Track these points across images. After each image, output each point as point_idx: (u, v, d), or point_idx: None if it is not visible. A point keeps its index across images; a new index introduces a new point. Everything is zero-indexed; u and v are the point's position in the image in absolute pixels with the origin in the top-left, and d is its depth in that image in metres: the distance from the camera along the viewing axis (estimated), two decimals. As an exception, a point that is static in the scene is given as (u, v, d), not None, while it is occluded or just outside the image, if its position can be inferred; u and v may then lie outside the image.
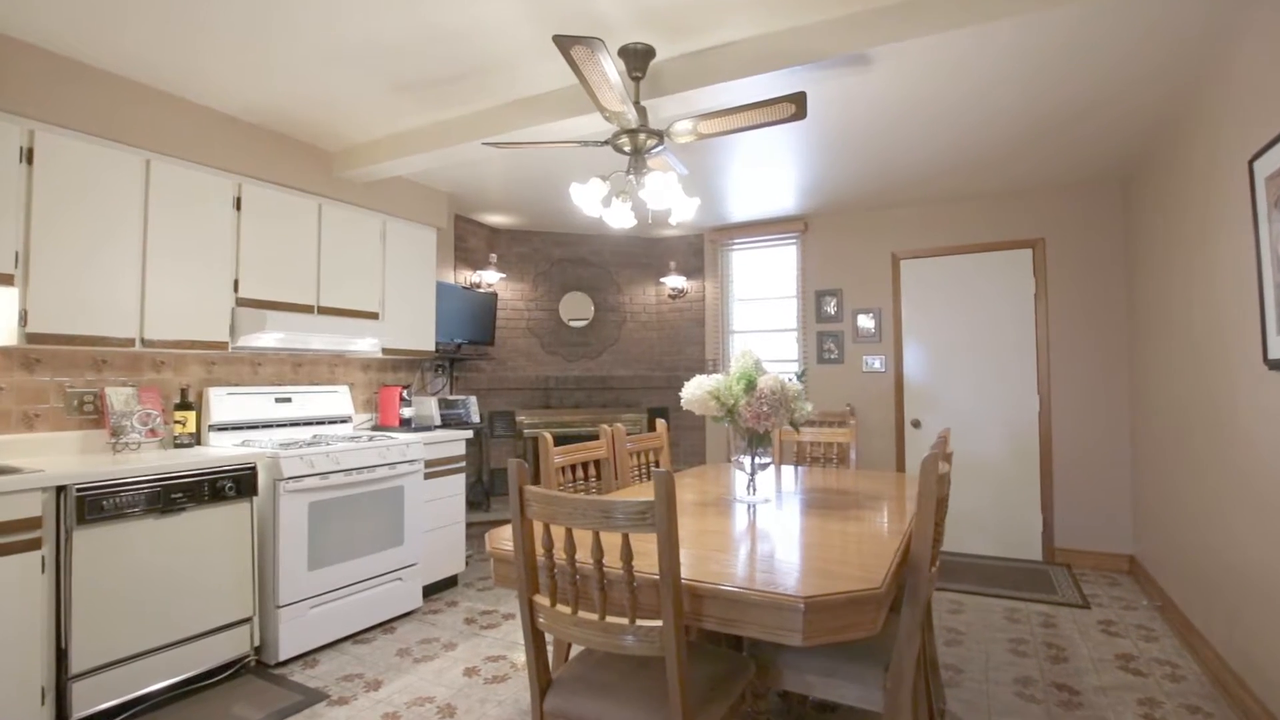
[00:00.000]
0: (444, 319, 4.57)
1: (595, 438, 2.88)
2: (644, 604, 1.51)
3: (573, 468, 2.61)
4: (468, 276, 5.22)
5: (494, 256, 5.28)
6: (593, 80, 2.11)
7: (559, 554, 1.56)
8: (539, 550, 1.59)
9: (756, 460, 2.48)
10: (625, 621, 1.46)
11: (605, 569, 1.49)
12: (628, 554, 1.43)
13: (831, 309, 5.22)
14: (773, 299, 5.57)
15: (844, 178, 4.32)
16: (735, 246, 5.69)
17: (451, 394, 4.81)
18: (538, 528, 1.59)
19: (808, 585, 1.45)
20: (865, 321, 5.10)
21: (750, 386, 2.33)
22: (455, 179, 4.26)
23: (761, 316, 5.62)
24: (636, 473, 3.01)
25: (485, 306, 5.05)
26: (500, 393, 5.37)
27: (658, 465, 3.22)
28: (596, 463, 2.74)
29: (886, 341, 5.03)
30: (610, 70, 2.03)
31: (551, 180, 4.30)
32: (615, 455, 2.80)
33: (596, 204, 2.48)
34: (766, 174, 4.27)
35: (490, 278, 5.25)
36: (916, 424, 4.91)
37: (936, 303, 4.88)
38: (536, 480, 3.90)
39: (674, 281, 5.77)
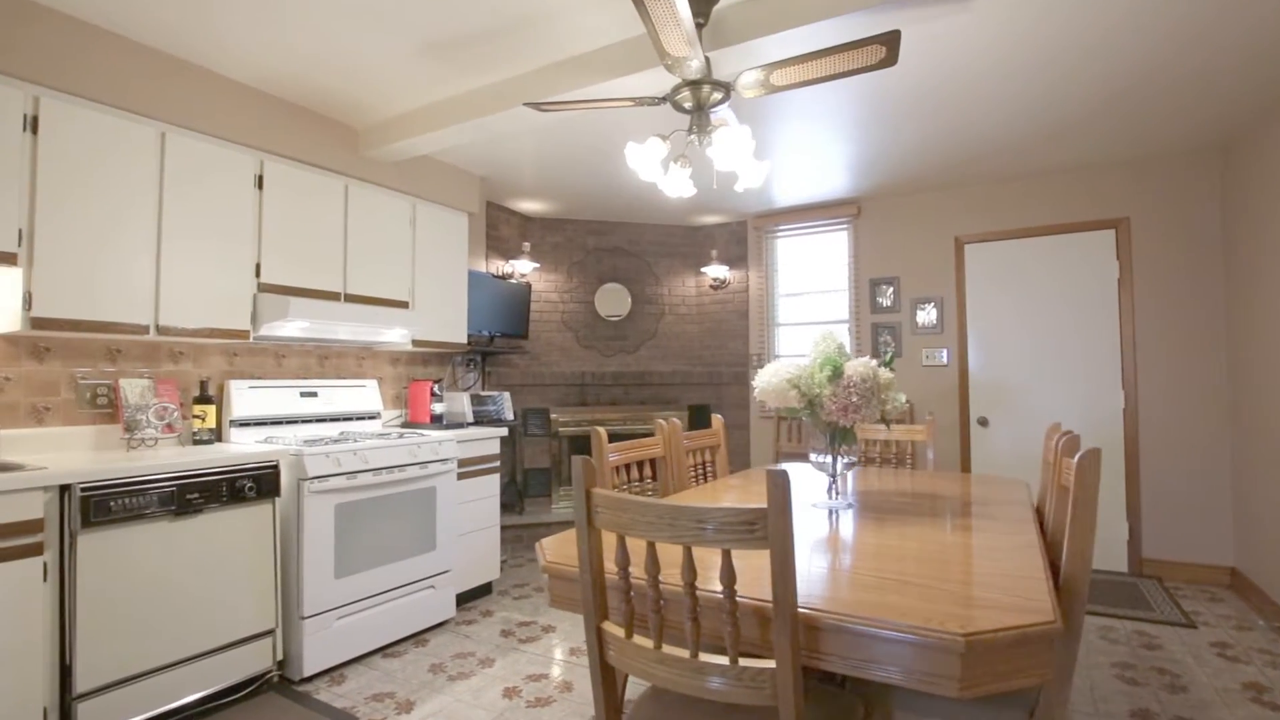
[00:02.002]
0: (475, 310, 4.31)
1: (633, 436, 2.58)
2: (745, 638, 1.21)
3: (626, 467, 2.31)
4: (499, 266, 4.96)
5: (527, 245, 5.01)
6: (657, 17, 1.81)
7: (636, 573, 1.26)
8: (610, 567, 1.30)
9: (840, 459, 2.16)
10: (723, 661, 1.15)
11: (699, 593, 1.19)
12: (730, 575, 1.13)
13: (887, 299, 4.86)
14: (822, 290, 5.23)
15: (904, 153, 3.96)
16: (781, 233, 5.36)
17: (483, 390, 4.55)
18: (607, 539, 1.30)
19: (959, 618, 1.13)
20: (925, 312, 4.73)
21: (836, 374, 2.02)
22: (488, 160, 4.00)
23: (809, 308, 5.28)
24: (694, 473, 2.71)
25: (518, 298, 4.78)
26: (534, 389, 5.10)
27: (712, 465, 2.91)
28: (652, 462, 2.44)
29: (949, 333, 4.65)
30: (680, 2, 1.73)
31: (589, 161, 4.02)
32: (671, 454, 2.50)
33: (655, 167, 2.18)
34: (816, 151, 3.94)
35: (523, 268, 4.99)
36: (983, 422, 4.53)
37: (1005, 291, 4.50)
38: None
39: (715, 271, 5.46)
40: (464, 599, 3.60)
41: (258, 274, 2.98)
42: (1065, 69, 2.86)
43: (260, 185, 3.00)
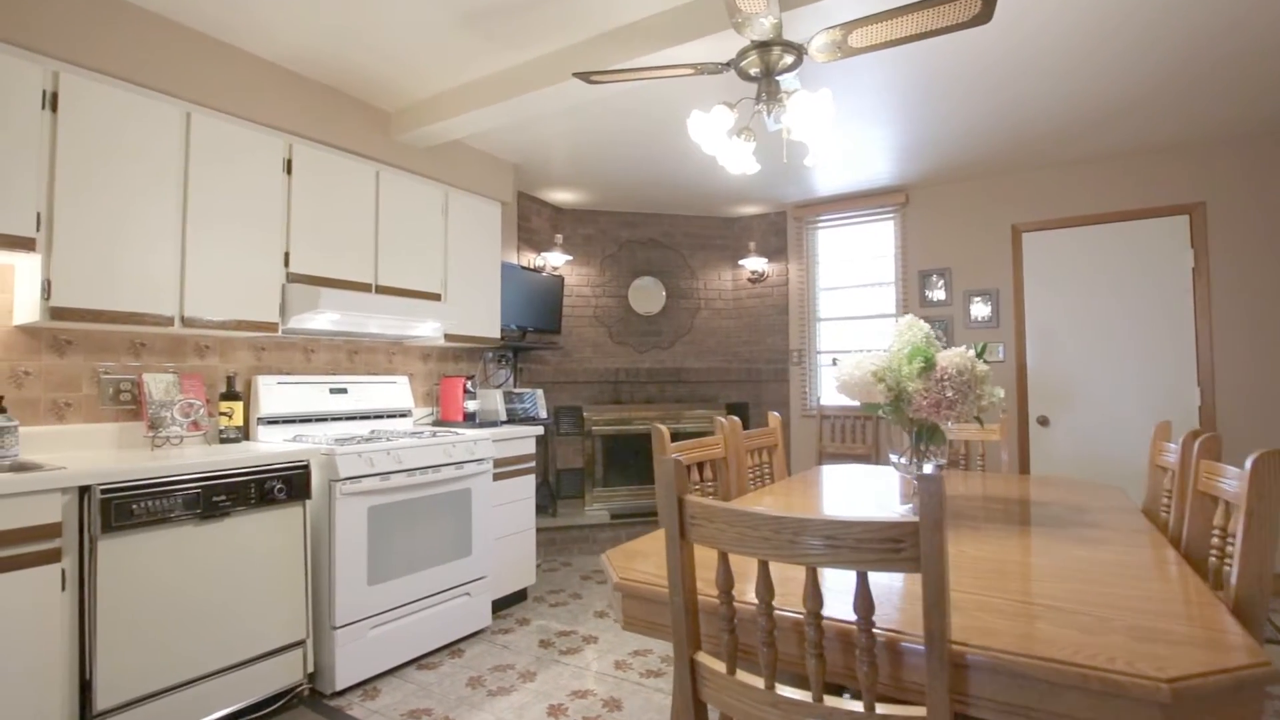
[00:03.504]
0: (507, 304, 4.14)
1: (670, 436, 2.37)
2: (880, 678, 1.00)
3: (686, 469, 2.11)
4: (531, 259, 4.79)
5: (559, 237, 4.83)
6: (732, -36, 1.61)
7: (741, 597, 1.07)
8: (707, 589, 1.10)
9: (927, 461, 1.94)
10: (856, 707, 0.95)
11: (825, 624, 0.99)
12: (867, 604, 0.93)
13: (938, 292, 4.61)
14: (866, 283, 4.98)
15: (958, 135, 3.72)
16: (822, 223, 5.13)
17: (515, 387, 4.38)
18: (702, 555, 1.11)
19: (1149, 657, 0.92)
20: (979, 305, 4.47)
21: (929, 366, 1.80)
22: (521, 146, 3.82)
23: (853, 302, 5.04)
24: (754, 475, 2.50)
25: (551, 291, 4.61)
26: (566, 386, 4.92)
27: (769, 467, 2.71)
28: (712, 464, 2.24)
29: (1005, 327, 4.39)
30: (761, -56, 1.53)
31: (624, 146, 3.83)
32: (732, 455, 2.29)
33: (720, 138, 1.98)
34: (861, 136, 3.72)
35: (555, 260, 4.81)
36: (1044, 421, 4.26)
37: (1066, 282, 4.23)
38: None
39: (753, 264, 5.24)
40: (499, 606, 3.43)
41: (286, 263, 2.83)
42: (1135, 37, 2.62)
43: (289, 170, 2.85)
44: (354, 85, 3.03)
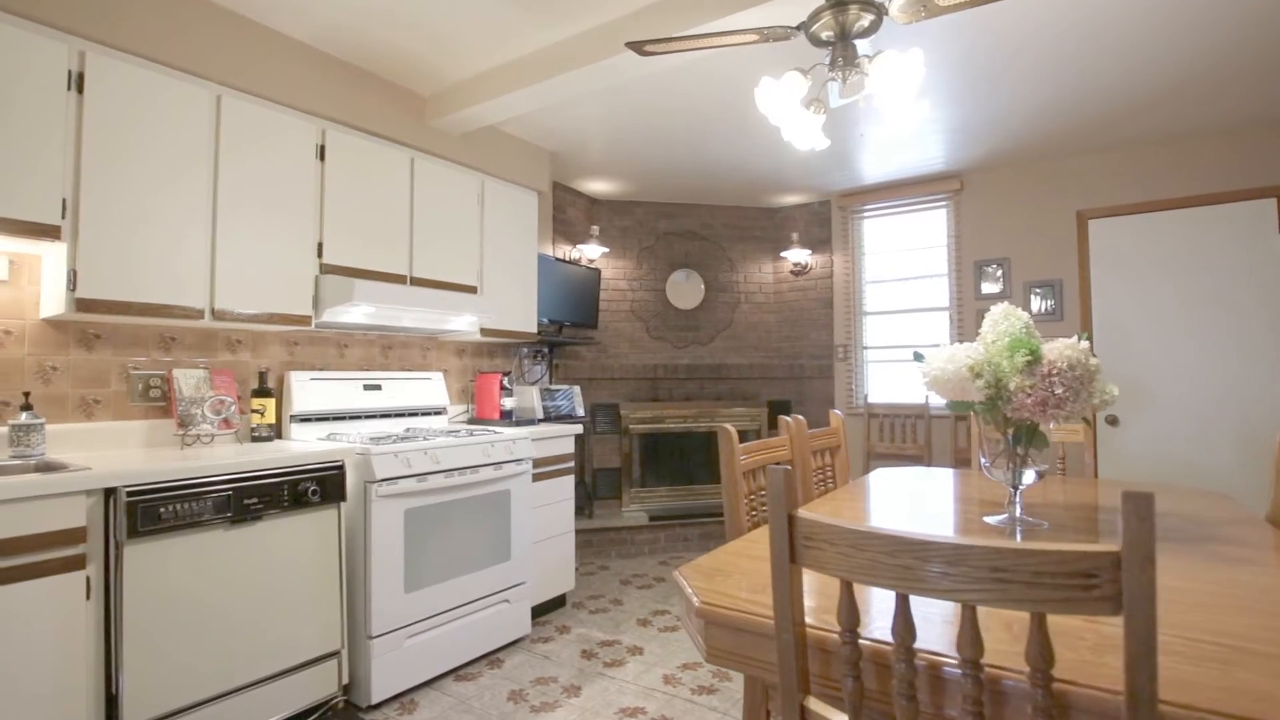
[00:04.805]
0: (543, 297, 3.99)
1: (708, 435, 2.18)
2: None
3: (752, 473, 1.93)
4: (566, 251, 4.63)
5: (595, 229, 4.67)
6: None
7: (867, 636, 0.88)
8: (821, 623, 0.92)
9: (1024, 469, 1.73)
10: (1026, 777, 0.77)
11: (988, 675, 0.80)
12: (1044, 652, 0.74)
13: (995, 283, 4.36)
14: (916, 275, 4.74)
15: (1020, 114, 3.47)
16: (869, 213, 4.89)
17: (551, 383, 4.23)
18: (812, 583, 0.93)
19: None
20: (1041, 297, 4.21)
21: (1035, 359, 1.59)
22: (558, 132, 3.66)
23: (902, 294, 4.80)
24: (819, 479, 2.31)
25: (588, 284, 4.45)
26: (602, 383, 4.76)
27: (831, 470, 2.51)
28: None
29: (1070, 320, 4.12)
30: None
31: (663, 131, 3.65)
32: (798, 457, 2.10)
33: (791, 108, 1.79)
34: (912, 118, 3.48)
35: (591, 252, 4.65)
36: (1113, 421, 3.99)
37: (1138, 272, 3.95)
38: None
39: (796, 255, 5.02)
40: (537, 613, 3.28)
41: (320, 254, 2.70)
42: (1209, 1, 2.37)
43: (322, 156, 2.72)
44: (388, 67, 2.90)
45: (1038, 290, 4.22)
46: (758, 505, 1.89)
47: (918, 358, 1.91)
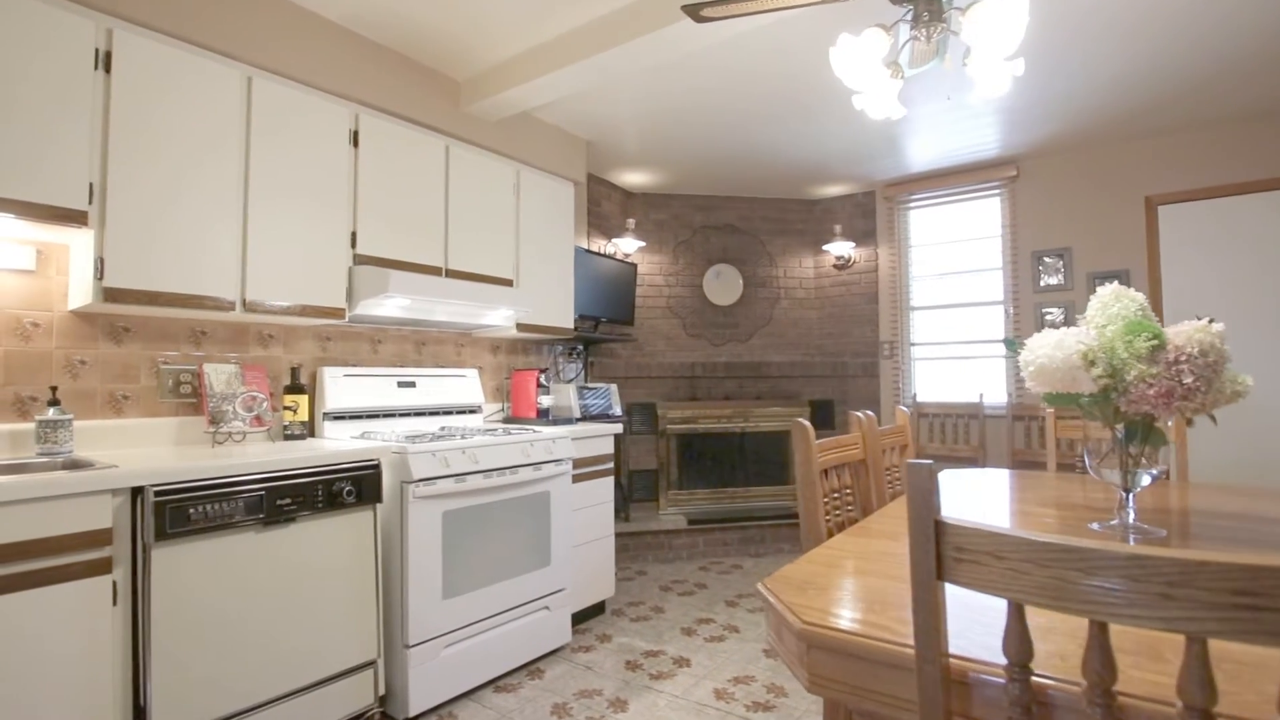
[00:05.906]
0: (578, 292, 3.85)
1: (750, 435, 2.01)
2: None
3: (824, 473, 1.75)
4: (601, 245, 4.49)
5: (631, 222, 4.52)
6: None
7: (1053, 670, 0.71)
8: (959, 647, 0.75)
9: (1140, 469, 1.54)
10: None
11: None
12: (1315, 706, 0.57)
13: (1055, 275, 4.12)
14: (968, 269, 4.51)
15: (1083, 93, 3.25)
16: (915, 203, 4.68)
17: (586, 381, 4.09)
18: (958, 603, 0.76)
19: None
20: (1107, 289, 3.95)
21: (1159, 344, 1.41)
22: (594, 119, 3.52)
23: (952, 288, 4.57)
24: (890, 479, 2.13)
25: (624, 279, 4.30)
26: (638, 381, 4.61)
27: (898, 471, 2.31)
28: (851, 468, 1.88)
29: (1138, 313, 3.86)
30: None
31: (705, 113, 3.49)
32: (871, 456, 1.92)
33: (871, 69, 1.62)
34: (961, 100, 3.28)
35: (627, 246, 4.50)
36: (1188, 420, 3.72)
37: (1211, 260, 3.69)
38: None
39: (838, 249, 4.82)
40: (576, 620, 3.13)
41: (353, 244, 2.59)
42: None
43: (355, 142, 2.61)
44: (422, 49, 2.78)
45: (1103, 281, 3.95)
46: (832, 508, 1.72)
47: (1010, 345, 1.73)
